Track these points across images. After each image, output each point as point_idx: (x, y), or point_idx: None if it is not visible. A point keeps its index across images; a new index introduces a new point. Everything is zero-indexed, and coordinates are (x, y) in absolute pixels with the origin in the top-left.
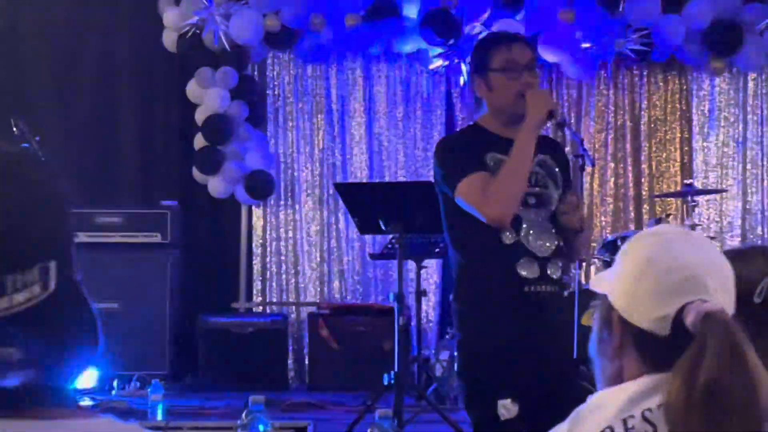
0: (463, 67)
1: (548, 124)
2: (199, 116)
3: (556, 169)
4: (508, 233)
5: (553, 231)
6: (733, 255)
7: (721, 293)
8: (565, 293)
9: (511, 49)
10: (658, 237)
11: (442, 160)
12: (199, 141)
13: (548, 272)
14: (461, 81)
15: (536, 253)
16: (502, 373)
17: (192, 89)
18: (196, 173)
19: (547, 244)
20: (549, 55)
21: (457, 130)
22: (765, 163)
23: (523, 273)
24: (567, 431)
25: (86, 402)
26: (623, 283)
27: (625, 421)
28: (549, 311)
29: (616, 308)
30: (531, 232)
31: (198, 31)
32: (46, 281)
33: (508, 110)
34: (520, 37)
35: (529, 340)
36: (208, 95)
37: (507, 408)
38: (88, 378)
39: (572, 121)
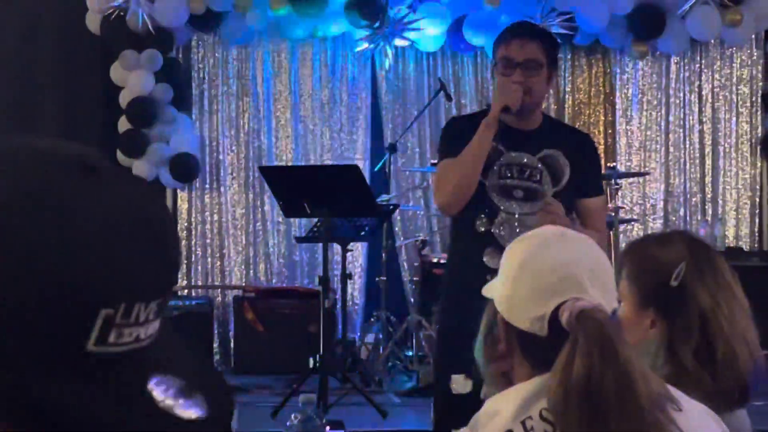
0: (389, 50)
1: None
2: (123, 99)
3: (566, 167)
4: (480, 222)
5: (534, 226)
6: (653, 239)
7: (597, 291)
8: None
9: (509, 44)
10: (534, 240)
11: (440, 137)
12: (123, 124)
13: None
14: (387, 64)
15: (504, 245)
16: (456, 355)
17: (116, 72)
18: (121, 156)
19: None
20: (474, 39)
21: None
22: (687, 146)
23: (489, 263)
24: None
25: None
26: (504, 287)
27: (523, 423)
28: None
29: (499, 311)
30: (506, 223)
31: (122, 13)
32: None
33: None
34: (526, 32)
35: None
36: (132, 78)
37: (459, 383)
38: None
39: None
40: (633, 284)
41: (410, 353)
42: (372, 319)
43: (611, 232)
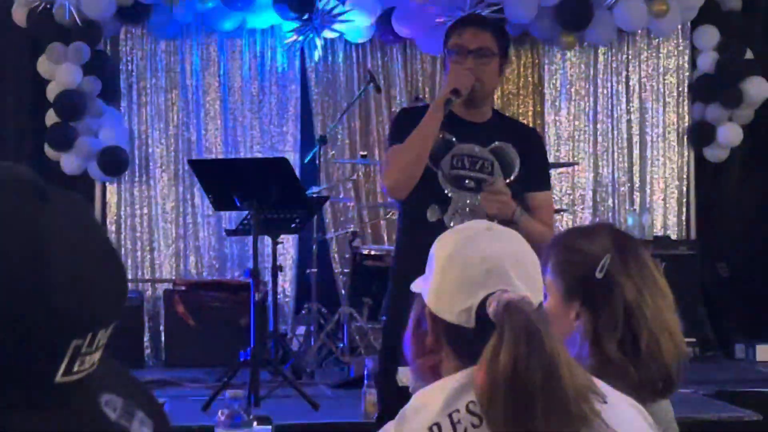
0: (318, 42)
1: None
2: (51, 92)
3: (516, 159)
4: (431, 211)
5: (484, 217)
6: (578, 232)
7: (524, 283)
8: None
9: (462, 33)
10: (460, 234)
11: (390, 126)
12: (50, 117)
13: None
14: (316, 56)
15: None
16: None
17: (43, 65)
18: (48, 150)
19: None
20: (403, 30)
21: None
22: (615, 136)
23: None
24: (394, 431)
25: None
26: (431, 282)
27: (450, 416)
28: None
29: (427, 305)
30: (456, 213)
31: (49, 6)
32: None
33: None
34: (479, 22)
35: None
36: (59, 71)
37: (407, 375)
38: None
39: (427, 95)
40: (558, 276)
41: (342, 345)
42: (303, 312)
43: None
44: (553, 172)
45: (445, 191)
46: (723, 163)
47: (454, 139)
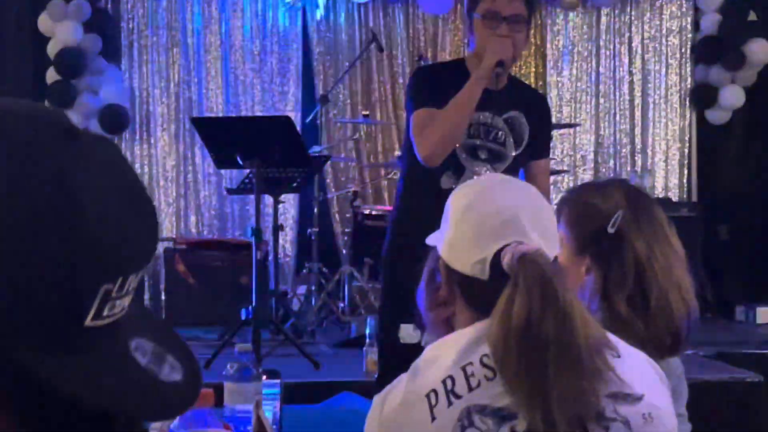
0: (320, 1)
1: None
2: (51, 50)
3: (526, 130)
4: (446, 178)
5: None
6: (591, 187)
7: (539, 234)
8: None
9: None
10: (477, 186)
11: (411, 86)
12: (51, 75)
13: None
14: (318, 15)
15: None
16: (405, 306)
17: (44, 22)
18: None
19: None
20: None
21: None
22: (617, 97)
23: None
24: (406, 384)
25: None
26: (447, 233)
27: (464, 369)
28: None
29: (442, 257)
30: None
31: None
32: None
33: (481, 56)
34: None
35: None
36: (60, 28)
37: (408, 333)
38: None
39: (428, 55)
40: (570, 231)
41: (342, 305)
42: (304, 271)
43: None
44: (554, 133)
45: (461, 160)
46: (725, 125)
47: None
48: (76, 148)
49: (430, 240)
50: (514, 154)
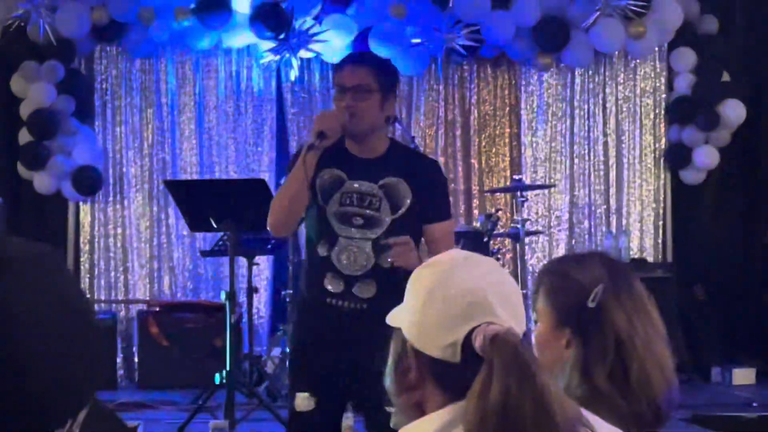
0: (294, 62)
1: (319, 144)
2: (24, 111)
3: (408, 195)
4: (321, 247)
5: (372, 253)
6: (572, 259)
7: (508, 314)
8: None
9: (341, 71)
10: (438, 266)
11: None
12: (24, 136)
13: (353, 290)
14: (292, 76)
15: (342, 271)
16: (302, 372)
17: (17, 83)
18: (21, 169)
19: (359, 264)
20: (380, 50)
21: None
22: (592, 157)
23: (329, 287)
24: None
25: None
26: (412, 315)
27: None
28: (350, 326)
29: (408, 340)
30: (343, 250)
31: (23, 24)
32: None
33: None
34: (357, 59)
35: (326, 349)
36: (33, 89)
37: (303, 400)
38: None
39: (403, 116)
40: (550, 303)
41: None
42: (278, 333)
43: (518, 244)
44: (529, 193)
45: (334, 229)
46: (699, 185)
47: (345, 176)
48: (11, 278)
49: (391, 320)
50: (391, 218)
